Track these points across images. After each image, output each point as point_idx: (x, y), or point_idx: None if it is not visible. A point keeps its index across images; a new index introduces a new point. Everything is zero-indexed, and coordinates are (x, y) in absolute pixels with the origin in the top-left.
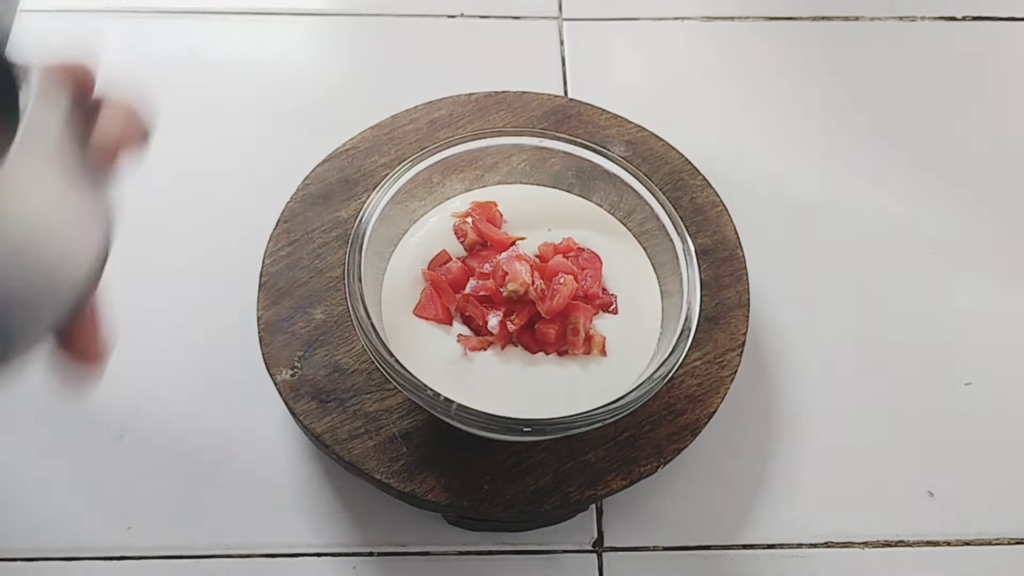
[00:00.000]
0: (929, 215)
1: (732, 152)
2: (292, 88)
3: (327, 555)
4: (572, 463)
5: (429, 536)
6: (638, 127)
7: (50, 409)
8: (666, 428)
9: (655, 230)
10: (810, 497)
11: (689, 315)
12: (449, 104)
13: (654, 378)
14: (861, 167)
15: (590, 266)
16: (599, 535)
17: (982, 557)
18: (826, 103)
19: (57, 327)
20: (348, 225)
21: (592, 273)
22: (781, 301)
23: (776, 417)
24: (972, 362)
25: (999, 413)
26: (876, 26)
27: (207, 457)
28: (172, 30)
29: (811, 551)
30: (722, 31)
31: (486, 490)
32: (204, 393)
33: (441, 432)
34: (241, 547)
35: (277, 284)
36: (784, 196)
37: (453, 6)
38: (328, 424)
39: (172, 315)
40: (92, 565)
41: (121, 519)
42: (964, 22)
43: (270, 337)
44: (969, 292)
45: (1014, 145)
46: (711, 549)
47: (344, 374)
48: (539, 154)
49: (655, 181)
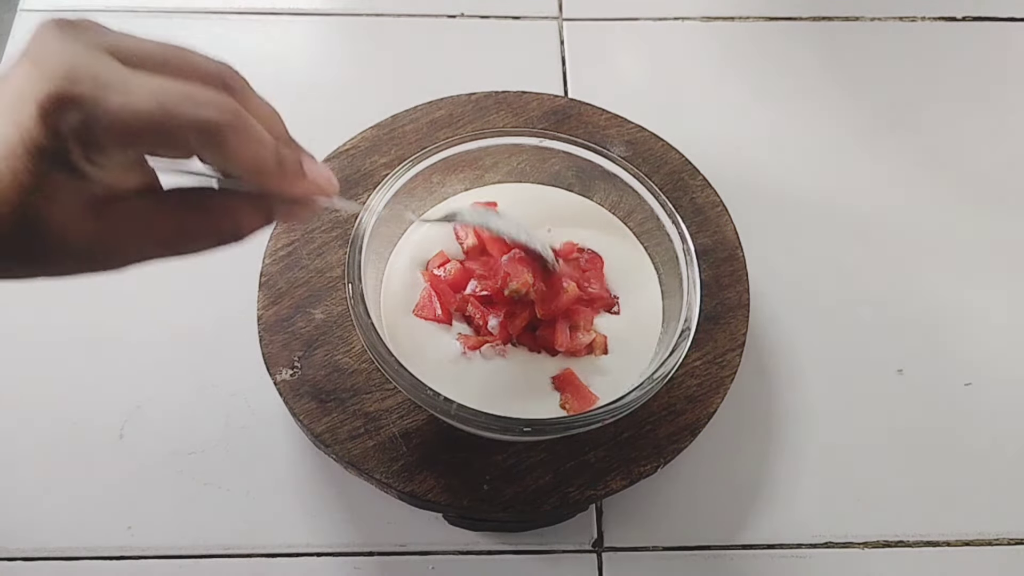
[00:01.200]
0: (929, 215)
1: (732, 152)
2: (292, 88)
3: (327, 555)
4: (572, 463)
5: (429, 536)
6: (638, 127)
7: (51, 409)
8: (666, 428)
9: (655, 230)
10: (810, 497)
11: (689, 315)
12: (449, 104)
13: (654, 378)
14: (861, 167)
15: (592, 267)
16: (599, 535)
17: (982, 557)
18: (826, 103)
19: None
20: (348, 225)
21: (595, 275)
22: (781, 301)
23: (776, 417)
24: (972, 362)
25: (999, 413)
26: (876, 26)
27: (207, 457)
28: (172, 30)
29: (811, 551)
30: (722, 31)
31: (486, 490)
32: (204, 393)
33: (441, 432)
34: (241, 547)
35: (277, 284)
36: (784, 196)
37: (453, 6)
38: (328, 424)
39: (172, 315)
40: (92, 565)
41: (121, 519)
42: (964, 22)
43: (270, 337)
44: (969, 292)
45: (1014, 145)
46: (711, 549)
47: (344, 374)
48: (539, 154)
49: (655, 181)
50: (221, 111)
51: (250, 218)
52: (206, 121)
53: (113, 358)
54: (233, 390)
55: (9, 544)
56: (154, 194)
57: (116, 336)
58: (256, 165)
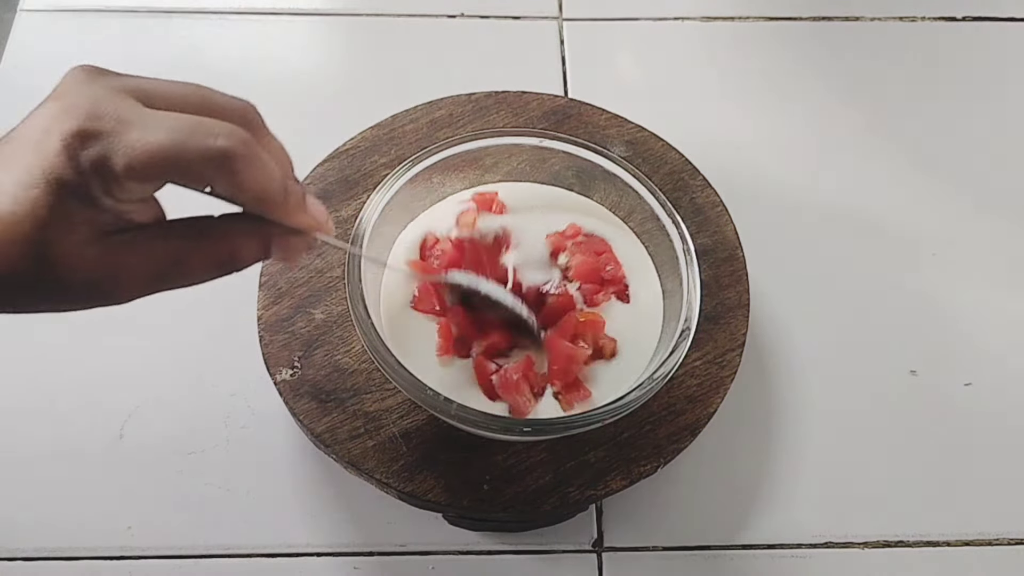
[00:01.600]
0: (929, 215)
1: (732, 152)
2: (292, 88)
3: (327, 555)
4: (572, 463)
5: (429, 536)
6: (638, 127)
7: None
8: (666, 428)
9: (655, 230)
10: (810, 497)
11: (689, 315)
12: (449, 104)
13: (654, 378)
14: (861, 167)
15: (605, 249)
16: (599, 535)
17: (982, 557)
18: (826, 103)
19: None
20: (348, 225)
21: (609, 257)
22: (781, 301)
23: (776, 417)
24: (972, 362)
25: (999, 413)
26: (876, 26)
27: (207, 457)
28: (172, 30)
29: (811, 551)
30: (722, 31)
31: (486, 490)
32: (204, 393)
33: (441, 432)
34: (241, 547)
35: (277, 284)
36: (784, 196)
37: (453, 6)
38: (328, 424)
39: (172, 315)
40: (92, 565)
41: (121, 519)
42: (964, 22)
43: (270, 337)
44: (969, 292)
45: (1014, 145)
46: (711, 549)
47: (344, 374)
48: (539, 154)
49: (655, 181)
50: (234, 141)
51: (249, 246)
52: (219, 150)
53: (113, 358)
54: (233, 390)
55: (9, 544)
56: (159, 225)
57: (116, 336)
58: (264, 194)
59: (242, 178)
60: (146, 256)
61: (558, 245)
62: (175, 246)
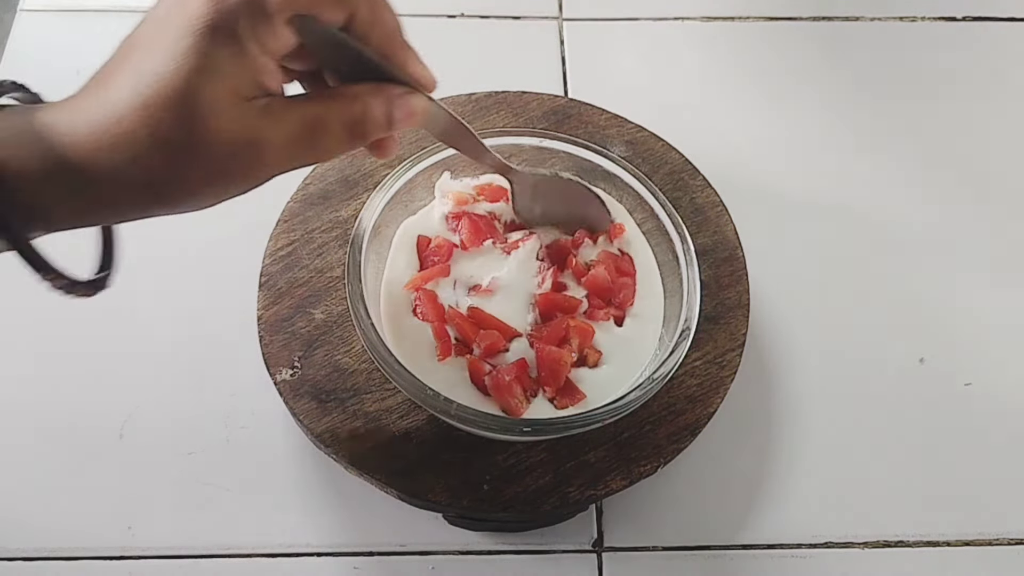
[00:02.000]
0: (929, 215)
1: (732, 152)
2: (292, 87)
3: (327, 555)
4: (572, 463)
5: (429, 536)
6: (638, 127)
7: (51, 409)
8: (666, 428)
9: (655, 230)
10: (810, 497)
11: (689, 315)
12: (449, 104)
13: (654, 378)
14: (861, 167)
15: (628, 271)
16: (599, 535)
17: (982, 557)
18: (826, 103)
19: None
20: (348, 225)
21: (628, 283)
22: (781, 301)
23: (776, 417)
24: (972, 362)
25: (999, 413)
26: (876, 26)
27: (207, 457)
28: None
29: (811, 551)
30: (722, 31)
31: (486, 490)
32: (204, 393)
33: (441, 432)
34: (241, 547)
35: (277, 284)
36: (784, 196)
37: (453, 6)
38: (328, 424)
39: (172, 315)
40: (92, 565)
41: (121, 519)
42: (964, 22)
43: (270, 337)
44: (969, 292)
45: (1014, 145)
46: (711, 549)
47: (344, 374)
48: (539, 154)
49: (655, 181)
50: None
51: (377, 105)
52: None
53: (113, 358)
54: (233, 390)
55: (9, 544)
56: (290, 96)
57: (116, 336)
58: (396, 32)
59: (382, 9)
60: (284, 120)
61: (583, 239)
62: (310, 109)
